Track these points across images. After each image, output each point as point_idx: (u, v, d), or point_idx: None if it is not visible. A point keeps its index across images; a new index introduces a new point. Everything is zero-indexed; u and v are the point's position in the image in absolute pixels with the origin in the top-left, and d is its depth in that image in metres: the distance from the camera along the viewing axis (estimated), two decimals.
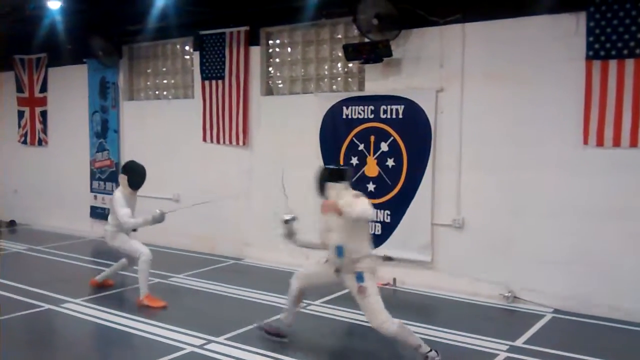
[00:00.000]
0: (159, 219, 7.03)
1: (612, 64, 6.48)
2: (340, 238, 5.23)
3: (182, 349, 5.66)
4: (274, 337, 5.82)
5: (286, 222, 5.77)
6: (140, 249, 7.17)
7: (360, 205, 4.99)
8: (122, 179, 7.30)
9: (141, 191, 7.52)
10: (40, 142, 12.99)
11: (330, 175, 5.53)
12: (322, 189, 5.51)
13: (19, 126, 13.28)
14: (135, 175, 7.29)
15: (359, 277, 5.16)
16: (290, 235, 5.82)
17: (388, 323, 5.04)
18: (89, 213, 11.97)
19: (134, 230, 7.29)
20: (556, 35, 6.86)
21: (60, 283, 8.06)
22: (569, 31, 6.75)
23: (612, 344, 5.90)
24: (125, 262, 7.68)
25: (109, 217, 7.42)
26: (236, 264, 9.39)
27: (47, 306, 7.07)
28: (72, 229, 11.92)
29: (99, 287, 7.81)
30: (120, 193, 7.16)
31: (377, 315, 5.09)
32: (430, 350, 5.12)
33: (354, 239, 5.24)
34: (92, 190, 11.94)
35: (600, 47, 6.52)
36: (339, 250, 5.24)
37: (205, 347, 5.73)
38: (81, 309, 6.98)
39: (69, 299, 7.31)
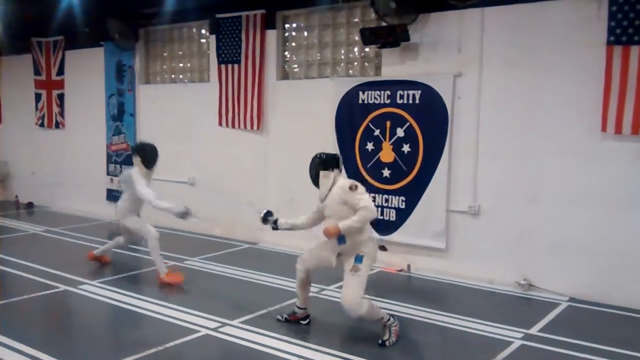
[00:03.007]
0: (182, 214, 7.04)
1: (634, 50, 6.36)
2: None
3: (197, 331, 5.70)
4: (298, 322, 5.92)
5: (264, 219, 6.07)
6: (148, 230, 7.37)
7: (362, 210, 5.20)
8: (136, 160, 7.40)
9: (156, 175, 7.58)
10: (57, 125, 13.07)
11: (323, 162, 5.56)
12: (316, 177, 5.58)
13: (36, 109, 13.37)
14: (148, 154, 7.42)
15: (358, 259, 5.34)
16: (273, 225, 6.09)
17: (361, 304, 5.23)
18: (105, 196, 12.06)
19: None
20: (577, 20, 6.75)
21: (77, 265, 8.14)
22: (590, 16, 6.64)
23: (628, 334, 5.85)
24: (120, 240, 7.96)
25: (124, 195, 7.61)
26: (251, 248, 9.43)
27: (63, 287, 7.15)
28: (88, 211, 12.02)
29: (95, 260, 8.14)
30: (139, 176, 7.26)
31: (355, 295, 5.24)
32: (389, 319, 5.41)
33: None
34: (108, 173, 12.02)
35: (622, 32, 6.40)
36: (340, 238, 5.34)
37: (220, 330, 5.77)
38: (97, 290, 7.05)
39: (86, 280, 7.39)
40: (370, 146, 8.34)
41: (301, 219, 5.99)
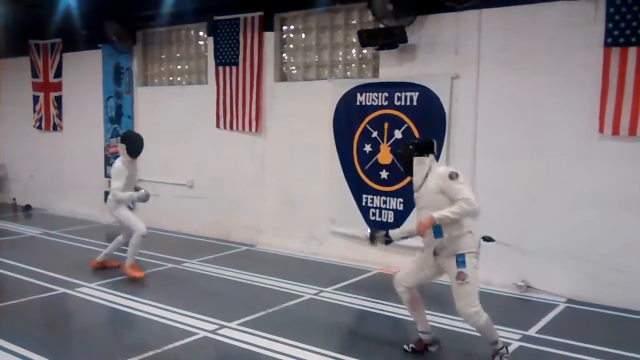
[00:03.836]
0: (143, 198, 7.51)
1: (632, 52, 6.38)
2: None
3: (195, 333, 5.70)
4: (429, 349, 5.38)
5: (371, 238, 5.37)
6: (137, 224, 7.56)
7: (461, 201, 4.70)
8: (121, 148, 7.65)
9: (156, 177, 7.65)
10: (55, 127, 13.06)
11: (418, 148, 5.02)
12: (410, 165, 5.07)
13: (34, 111, 13.36)
14: (134, 143, 7.68)
15: (460, 262, 4.82)
16: (385, 239, 5.32)
17: (480, 314, 4.81)
18: (103, 198, 12.02)
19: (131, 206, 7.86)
20: (574, 22, 6.75)
21: (75, 267, 8.14)
22: (587, 18, 6.65)
23: (625, 335, 5.86)
24: (120, 240, 7.97)
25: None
26: (249, 251, 9.42)
27: (61, 290, 7.14)
28: (86, 213, 12.01)
29: (100, 268, 8.04)
30: (120, 163, 7.55)
31: (471, 303, 4.79)
32: (502, 348, 4.96)
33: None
34: (106, 175, 11.98)
35: (620, 34, 6.41)
36: (437, 230, 4.85)
37: (218, 332, 5.76)
38: (95, 293, 7.05)
39: (84, 283, 7.38)
40: (368, 148, 8.35)
41: (414, 223, 5.22)
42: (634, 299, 6.46)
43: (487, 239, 5.41)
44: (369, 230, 5.51)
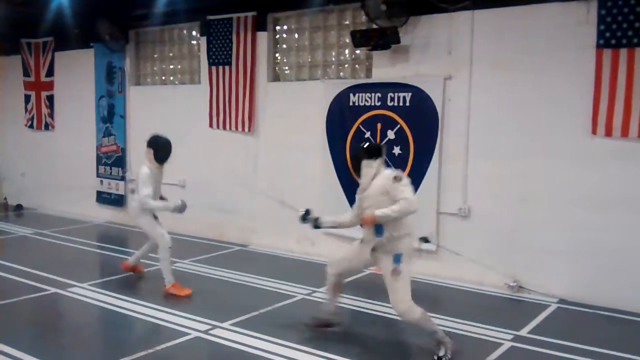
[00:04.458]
0: (180, 209, 6.90)
1: (623, 53, 6.42)
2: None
3: (188, 334, 5.69)
4: (326, 328, 5.75)
5: (303, 218, 5.76)
6: (160, 236, 7.02)
7: (402, 201, 4.97)
8: (148, 153, 7.11)
9: None
10: (46, 127, 13.00)
11: (367, 152, 5.31)
12: (358, 167, 5.35)
13: (26, 110, 13.29)
14: (162, 148, 7.14)
15: (397, 259, 5.09)
16: (315, 224, 5.75)
17: (413, 308, 5.04)
18: (95, 198, 12.01)
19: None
20: (566, 23, 6.79)
21: (67, 267, 8.11)
22: (579, 19, 6.68)
23: (617, 335, 5.89)
24: (147, 248, 7.53)
25: (135, 195, 7.24)
26: (242, 251, 9.41)
27: (53, 290, 7.11)
28: (78, 213, 11.97)
29: (130, 271, 7.71)
30: (146, 169, 6.99)
31: (404, 299, 5.06)
32: (445, 336, 5.16)
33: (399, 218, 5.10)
34: (98, 175, 11.96)
35: (611, 36, 6.45)
36: (379, 230, 5.12)
37: (210, 332, 5.76)
38: (87, 293, 7.02)
39: (75, 283, 7.35)
40: None
41: (345, 216, 5.71)
42: (626, 299, 6.50)
43: (424, 239, 5.53)
44: (303, 211, 5.79)
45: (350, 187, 8.46)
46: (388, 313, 6.35)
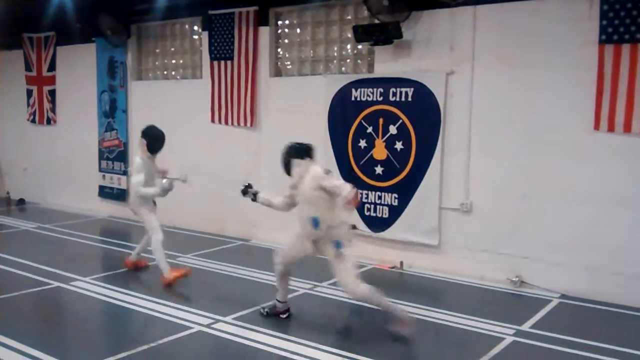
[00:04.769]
0: (168, 187, 7.05)
1: (625, 48, 6.41)
2: (315, 210, 5.46)
3: (190, 327, 5.71)
4: (280, 316, 5.98)
5: (244, 191, 6.30)
6: (154, 227, 7.18)
7: (343, 185, 5.36)
8: (142, 143, 7.30)
9: None
10: (48, 121, 13.01)
11: (296, 151, 5.71)
12: (288, 166, 5.74)
13: (28, 105, 13.30)
14: (155, 139, 7.34)
15: (338, 245, 5.45)
16: (253, 197, 6.29)
17: (361, 286, 5.40)
18: (97, 192, 12.02)
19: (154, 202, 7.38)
20: (569, 18, 6.77)
21: (69, 261, 8.13)
22: (581, 15, 6.67)
23: (619, 330, 5.91)
24: (146, 239, 7.55)
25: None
26: (244, 245, 9.43)
27: (56, 284, 7.13)
28: (80, 207, 11.99)
29: (133, 267, 7.75)
30: (139, 159, 7.20)
31: (351, 279, 5.43)
32: (396, 308, 5.52)
33: (328, 210, 5.45)
34: (100, 169, 11.97)
35: (614, 31, 6.44)
36: (315, 222, 5.47)
37: (213, 326, 5.78)
38: (90, 287, 7.04)
39: (78, 277, 7.37)
40: (362, 143, 8.36)
41: (277, 199, 6.10)
42: (628, 294, 6.51)
43: (353, 226, 6.01)
44: (245, 185, 6.33)
45: (352, 181, 8.45)
46: None
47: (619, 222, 6.58)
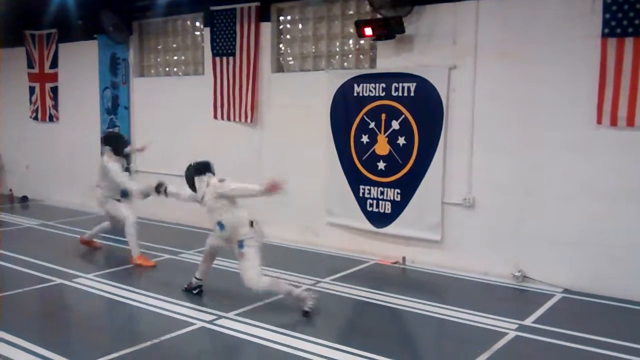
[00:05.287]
0: (145, 193, 7.64)
1: (629, 42, 6.37)
2: (219, 215, 6.07)
3: (193, 324, 5.71)
4: (193, 291, 6.63)
5: (157, 190, 6.84)
6: (126, 214, 7.91)
7: (234, 190, 6.07)
8: (108, 150, 8.11)
9: (152, 168, 7.62)
10: (51, 118, 13.02)
11: (196, 170, 6.31)
12: (192, 183, 6.30)
13: (30, 102, 13.32)
14: (119, 143, 8.27)
15: (240, 245, 5.98)
16: (163, 194, 6.83)
17: (263, 279, 5.87)
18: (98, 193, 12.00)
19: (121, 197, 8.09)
20: (572, 13, 6.74)
21: (72, 258, 8.15)
22: (584, 9, 6.64)
23: (622, 325, 5.89)
24: (105, 225, 8.41)
25: (101, 183, 8.11)
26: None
27: (59, 281, 7.14)
28: (83, 204, 11.99)
29: (85, 244, 8.57)
30: (113, 163, 7.92)
31: (252, 276, 5.86)
32: (302, 291, 6.03)
33: (228, 213, 6.05)
34: None
35: (617, 25, 6.40)
36: (221, 225, 6.08)
37: (215, 322, 5.78)
38: (92, 283, 7.05)
39: (81, 273, 7.38)
40: (365, 139, 8.34)
41: (184, 193, 6.58)
42: (631, 289, 6.49)
43: (251, 223, 6.17)
44: (159, 182, 6.90)
45: (354, 177, 8.49)
46: (392, 303, 6.38)
47: (622, 216, 6.55)
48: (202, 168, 6.34)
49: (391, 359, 4.96)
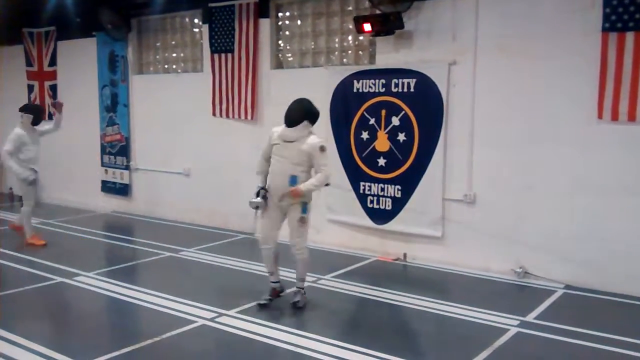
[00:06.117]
0: (28, 181, 8.48)
1: (629, 36, 6.35)
2: (293, 170, 5.89)
3: (194, 321, 5.70)
4: (280, 295, 6.39)
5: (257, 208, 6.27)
6: (27, 200, 8.67)
7: (323, 173, 5.95)
8: (28, 118, 8.73)
9: (152, 166, 7.57)
10: (50, 116, 12.96)
11: (314, 117, 6.15)
12: (298, 120, 6.04)
13: (29, 100, 13.27)
14: (39, 113, 8.97)
15: (304, 209, 5.97)
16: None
17: (307, 251, 6.05)
18: (100, 187, 12.02)
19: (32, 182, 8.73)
20: (572, 7, 6.71)
21: (72, 256, 8.13)
22: (584, 3, 6.61)
23: (623, 320, 5.89)
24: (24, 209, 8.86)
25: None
26: (247, 239, 9.39)
27: (59, 279, 7.13)
28: (83, 202, 11.99)
29: (13, 229, 9.07)
30: (21, 130, 8.58)
31: (304, 245, 6.03)
32: (303, 288, 6.21)
33: (308, 174, 5.96)
34: (102, 164, 11.96)
35: (617, 19, 6.37)
36: (293, 180, 5.87)
37: (217, 320, 5.77)
38: (93, 282, 7.04)
39: (81, 272, 7.37)
40: (365, 135, 8.32)
41: (263, 173, 6.42)
42: (633, 284, 6.48)
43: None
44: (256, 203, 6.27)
45: (354, 173, 8.47)
46: (393, 300, 6.38)
47: (624, 212, 6.54)
48: (316, 117, 6.17)
49: (392, 355, 4.95)
